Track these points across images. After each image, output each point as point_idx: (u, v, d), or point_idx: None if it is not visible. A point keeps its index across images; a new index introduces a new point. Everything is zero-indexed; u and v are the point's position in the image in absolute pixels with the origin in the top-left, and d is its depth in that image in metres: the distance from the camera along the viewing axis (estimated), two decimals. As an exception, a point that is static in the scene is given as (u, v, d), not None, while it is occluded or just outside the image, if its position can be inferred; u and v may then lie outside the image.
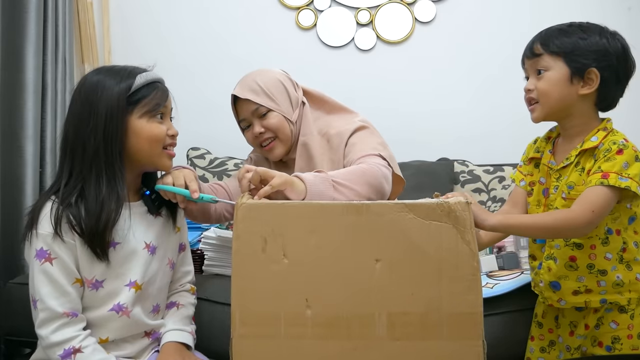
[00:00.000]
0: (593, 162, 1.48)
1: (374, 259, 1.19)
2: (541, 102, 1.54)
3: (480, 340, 1.17)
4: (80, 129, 1.39)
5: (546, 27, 1.59)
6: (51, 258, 1.35)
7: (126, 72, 1.42)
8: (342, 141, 1.77)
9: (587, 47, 1.49)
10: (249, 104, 1.81)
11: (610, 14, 3.03)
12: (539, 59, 1.53)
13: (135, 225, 1.45)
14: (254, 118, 1.82)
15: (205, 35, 3.15)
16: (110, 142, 1.38)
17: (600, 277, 1.52)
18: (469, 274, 1.17)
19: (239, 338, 1.20)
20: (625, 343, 1.52)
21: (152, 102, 1.42)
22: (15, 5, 2.49)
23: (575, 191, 1.50)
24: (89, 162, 1.38)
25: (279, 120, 1.80)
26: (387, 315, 1.18)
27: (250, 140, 1.86)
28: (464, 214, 1.17)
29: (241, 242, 1.21)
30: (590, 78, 1.50)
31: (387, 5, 3.11)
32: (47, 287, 1.35)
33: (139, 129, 1.41)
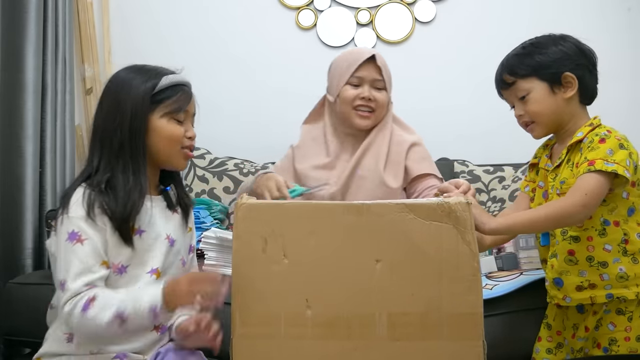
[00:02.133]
0: (579, 155, 1.54)
1: (375, 259, 1.19)
2: (537, 122, 1.63)
3: (481, 340, 1.18)
4: (108, 123, 1.46)
5: (505, 56, 1.68)
6: (82, 239, 1.38)
7: (154, 72, 1.49)
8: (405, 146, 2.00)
9: (550, 58, 1.59)
10: (376, 72, 1.99)
11: (610, 14, 3.04)
12: (515, 86, 1.63)
13: (156, 216, 1.50)
14: (368, 84, 1.98)
15: (205, 35, 3.15)
16: (135, 138, 1.44)
17: (602, 270, 1.53)
18: (470, 275, 1.18)
19: (239, 338, 1.20)
20: (623, 345, 1.52)
21: (175, 105, 1.48)
22: (15, 5, 2.49)
23: (566, 185, 1.55)
24: (116, 154, 1.44)
25: (386, 101, 2.02)
26: (388, 315, 1.18)
27: (351, 97, 1.99)
28: (465, 214, 1.18)
29: (241, 243, 1.21)
30: (568, 82, 1.59)
31: (387, 5, 3.11)
32: (77, 266, 1.37)
33: (159, 128, 1.47)
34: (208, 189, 2.85)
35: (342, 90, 1.99)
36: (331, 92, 2.06)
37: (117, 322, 1.33)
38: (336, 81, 2.03)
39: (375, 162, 1.95)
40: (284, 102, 3.14)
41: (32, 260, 2.50)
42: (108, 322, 1.33)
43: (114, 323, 1.33)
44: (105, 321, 1.33)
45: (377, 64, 1.99)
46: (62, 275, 1.37)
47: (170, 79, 1.49)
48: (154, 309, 1.34)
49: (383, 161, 1.96)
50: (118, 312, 1.33)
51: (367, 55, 1.99)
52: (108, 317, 1.33)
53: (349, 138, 2.04)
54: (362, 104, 1.97)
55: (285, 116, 3.12)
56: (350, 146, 2.04)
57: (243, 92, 3.15)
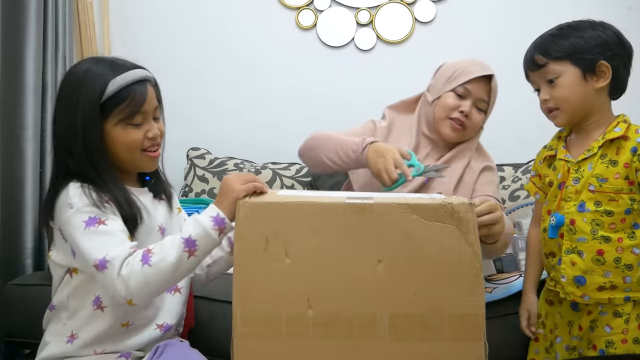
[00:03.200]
0: (633, 157, 1.49)
1: (376, 259, 1.18)
2: (562, 109, 1.57)
3: (482, 342, 1.17)
4: (66, 137, 1.40)
5: (539, 36, 1.62)
6: (102, 220, 1.34)
7: (101, 78, 1.39)
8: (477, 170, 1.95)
9: (587, 43, 1.53)
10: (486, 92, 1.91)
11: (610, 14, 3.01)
12: (546, 69, 1.56)
13: (148, 207, 1.47)
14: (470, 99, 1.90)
15: (205, 36, 3.15)
16: (94, 153, 1.39)
17: (627, 272, 1.51)
18: (472, 276, 1.17)
19: (240, 338, 1.19)
20: (620, 347, 1.51)
21: (126, 111, 1.40)
22: (15, 5, 2.49)
23: (608, 184, 1.51)
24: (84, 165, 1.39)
25: (480, 124, 1.95)
26: (389, 316, 1.18)
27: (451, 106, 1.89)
28: (468, 215, 1.17)
29: (243, 242, 1.20)
30: (602, 71, 1.52)
31: (387, 5, 3.11)
32: (112, 240, 1.32)
33: (115, 137, 1.40)
34: (208, 189, 2.85)
35: (445, 95, 1.91)
36: (432, 92, 1.96)
37: (186, 253, 1.29)
38: (442, 84, 1.94)
39: (449, 179, 1.88)
40: (284, 102, 3.14)
41: (32, 261, 2.51)
42: (178, 256, 1.28)
43: (184, 256, 1.29)
44: (174, 257, 1.28)
45: (489, 85, 1.90)
46: (94, 255, 1.30)
47: (117, 84, 1.39)
48: (215, 217, 1.30)
49: (455, 180, 1.89)
50: (185, 241, 1.29)
51: (484, 72, 1.90)
52: (176, 252, 1.28)
53: (427, 141, 1.97)
54: (458, 117, 1.88)
55: (285, 116, 3.13)
56: (426, 150, 1.96)
57: (243, 92, 3.15)
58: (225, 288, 1.90)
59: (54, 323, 1.46)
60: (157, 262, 1.28)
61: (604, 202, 1.52)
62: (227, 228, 1.32)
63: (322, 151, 1.91)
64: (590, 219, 1.53)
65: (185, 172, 2.95)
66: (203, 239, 1.30)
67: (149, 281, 1.29)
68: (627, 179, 1.50)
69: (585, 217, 1.53)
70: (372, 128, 2.02)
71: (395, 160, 1.69)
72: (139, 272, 1.28)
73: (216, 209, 1.32)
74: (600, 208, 1.52)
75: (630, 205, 1.51)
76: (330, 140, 1.91)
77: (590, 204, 1.53)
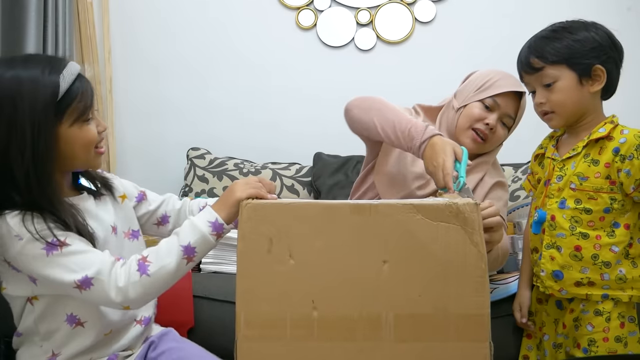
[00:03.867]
0: (614, 157, 1.50)
1: (381, 260, 1.18)
2: (558, 112, 1.58)
3: (487, 342, 1.17)
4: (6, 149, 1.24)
5: (532, 37, 1.62)
6: (63, 241, 1.24)
7: (45, 79, 1.25)
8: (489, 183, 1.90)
9: (583, 47, 1.53)
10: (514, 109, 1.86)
11: (610, 14, 3.02)
12: (542, 72, 1.56)
13: (93, 212, 1.39)
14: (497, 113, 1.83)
15: (205, 36, 3.14)
16: (42, 161, 1.25)
17: (604, 270, 1.53)
18: (477, 276, 1.17)
19: (243, 340, 1.19)
20: (602, 346, 1.52)
21: (80, 106, 1.29)
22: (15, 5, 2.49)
23: (588, 183, 1.53)
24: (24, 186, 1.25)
25: (502, 139, 1.90)
26: (394, 316, 1.17)
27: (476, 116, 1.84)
28: (473, 215, 1.17)
29: (246, 243, 1.19)
30: (597, 75, 1.54)
31: (387, 5, 3.11)
32: (83, 257, 1.25)
33: (72, 138, 1.29)
34: (208, 189, 2.85)
35: (472, 105, 1.85)
36: (459, 99, 1.91)
37: (185, 260, 1.28)
38: (471, 93, 1.87)
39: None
40: (284, 102, 3.14)
41: (32, 261, 2.49)
42: (177, 263, 1.27)
43: (183, 262, 1.27)
44: (174, 265, 1.27)
45: (519, 102, 1.85)
46: (71, 277, 1.24)
47: (67, 80, 1.27)
48: (214, 222, 1.29)
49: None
50: (184, 249, 1.27)
51: (517, 89, 1.83)
52: (175, 260, 1.27)
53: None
54: (482, 129, 1.83)
55: (285, 116, 3.13)
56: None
57: (243, 92, 3.15)
58: (225, 288, 1.91)
59: (27, 346, 1.39)
60: (156, 271, 1.27)
61: (583, 200, 1.54)
62: (225, 232, 1.32)
63: (378, 116, 1.78)
64: (569, 216, 1.55)
65: (185, 172, 2.94)
66: (201, 245, 1.30)
67: (149, 290, 1.28)
68: (608, 179, 1.52)
69: (565, 214, 1.56)
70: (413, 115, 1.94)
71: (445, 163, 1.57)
72: (138, 282, 1.26)
73: (214, 213, 1.31)
74: (579, 206, 1.54)
75: (610, 205, 1.52)
76: (392, 110, 1.80)
77: (570, 202, 1.55)
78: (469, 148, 1.82)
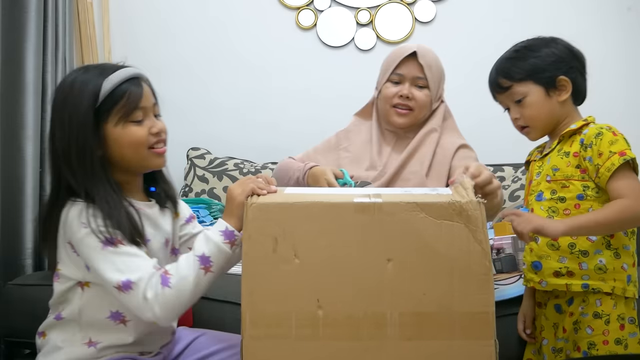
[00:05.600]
0: (581, 147, 1.57)
1: (386, 258, 1.18)
2: (532, 126, 1.66)
3: (492, 339, 1.17)
4: (65, 148, 1.34)
5: (498, 59, 1.71)
6: (120, 240, 1.31)
7: (94, 78, 1.35)
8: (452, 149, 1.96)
9: (544, 61, 1.62)
10: (418, 69, 1.94)
11: (610, 14, 3.05)
12: (511, 90, 1.65)
13: (155, 222, 1.44)
14: (408, 81, 1.94)
15: (205, 36, 3.15)
16: (92, 164, 1.34)
17: (582, 259, 1.55)
18: (481, 274, 1.17)
19: (249, 339, 1.19)
20: (602, 349, 1.52)
21: (125, 107, 1.35)
22: (15, 5, 2.49)
23: (560, 172, 1.59)
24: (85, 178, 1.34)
25: (427, 100, 1.95)
26: (399, 315, 1.17)
27: (390, 95, 1.95)
28: (476, 213, 1.17)
29: (252, 243, 1.20)
30: (562, 85, 1.62)
31: (387, 5, 3.11)
32: (132, 259, 1.31)
33: (117, 137, 1.36)
34: (208, 189, 2.85)
35: (384, 87, 1.97)
36: (377, 87, 2.04)
37: (203, 270, 1.30)
38: (380, 77, 2.02)
39: (420, 167, 1.91)
40: (284, 102, 3.14)
41: (32, 261, 2.50)
42: (195, 275, 1.29)
43: (201, 273, 1.30)
44: (192, 276, 1.29)
45: (419, 61, 1.93)
46: (116, 277, 1.29)
47: (111, 82, 1.35)
48: (224, 231, 1.32)
49: (427, 166, 1.92)
50: (200, 259, 1.31)
51: (408, 52, 1.94)
52: (193, 271, 1.30)
53: (391, 135, 2.02)
54: (400, 102, 1.94)
55: (285, 116, 3.13)
56: (391, 143, 2.01)
57: (243, 92, 3.15)
58: (225, 288, 1.91)
59: (62, 331, 1.41)
60: (177, 283, 1.29)
61: (558, 190, 1.59)
62: (237, 239, 1.33)
63: (282, 182, 1.97)
64: (546, 207, 1.60)
65: (185, 172, 2.94)
66: (216, 255, 1.31)
67: (172, 302, 1.29)
68: (578, 168, 1.58)
69: (542, 206, 1.61)
70: (334, 141, 2.09)
71: (329, 183, 1.81)
72: (160, 295, 1.28)
73: (224, 222, 1.33)
74: (555, 196, 1.60)
75: (583, 192, 1.56)
76: (285, 170, 2.03)
77: (547, 193, 1.61)
78: (401, 124, 1.96)
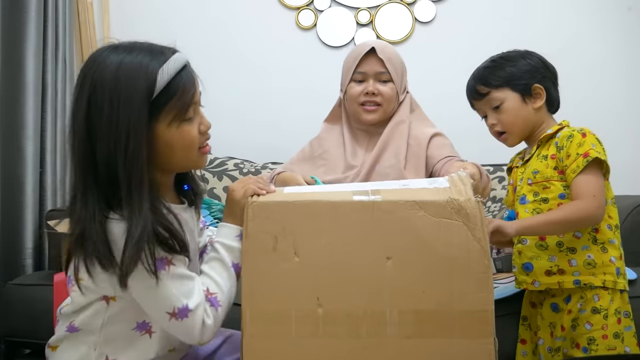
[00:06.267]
0: (556, 149, 1.64)
1: (385, 256, 1.18)
2: (510, 131, 1.72)
3: (492, 338, 1.17)
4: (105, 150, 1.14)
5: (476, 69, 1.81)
6: (170, 260, 1.17)
7: (146, 67, 1.15)
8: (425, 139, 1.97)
9: (520, 70, 1.71)
10: (379, 64, 1.96)
11: (610, 14, 3.05)
12: (489, 97, 1.73)
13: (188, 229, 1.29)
14: (372, 78, 1.96)
15: (205, 36, 3.15)
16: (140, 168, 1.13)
17: (571, 256, 1.60)
18: (480, 272, 1.17)
19: (249, 337, 1.19)
20: (601, 344, 1.55)
21: (179, 104, 1.18)
22: (15, 5, 2.49)
23: (540, 175, 1.66)
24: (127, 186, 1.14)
25: (393, 93, 1.97)
26: (398, 313, 1.17)
27: (356, 94, 1.97)
28: (475, 211, 1.17)
29: (251, 241, 1.20)
30: (537, 93, 1.70)
31: (387, 5, 3.11)
32: (185, 283, 1.18)
33: (170, 140, 1.18)
34: (208, 189, 2.85)
35: (348, 87, 1.99)
36: (342, 89, 2.06)
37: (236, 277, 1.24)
38: (343, 78, 2.03)
39: (396, 159, 1.93)
40: (284, 102, 3.14)
41: (32, 261, 2.51)
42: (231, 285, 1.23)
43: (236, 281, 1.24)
44: (234, 288, 1.24)
45: (378, 56, 1.96)
46: (172, 303, 1.16)
47: (168, 73, 1.16)
48: (239, 236, 1.25)
49: (403, 157, 1.93)
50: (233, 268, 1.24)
51: (366, 49, 1.96)
52: (233, 282, 1.24)
53: (363, 134, 2.03)
54: (367, 99, 1.96)
55: (285, 116, 3.13)
56: (364, 142, 2.03)
57: (243, 92, 3.15)
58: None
59: (75, 348, 1.27)
60: (224, 301, 1.22)
61: (540, 192, 1.65)
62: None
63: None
64: (531, 209, 1.65)
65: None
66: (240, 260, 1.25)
67: (220, 322, 1.23)
68: (556, 169, 1.64)
69: (527, 208, 1.66)
70: (308, 150, 2.13)
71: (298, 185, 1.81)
72: (217, 317, 1.21)
73: (236, 227, 1.26)
74: (537, 197, 1.66)
75: (564, 190, 1.63)
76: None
77: (529, 196, 1.67)
78: (372, 120, 1.98)
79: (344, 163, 2.01)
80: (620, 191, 2.48)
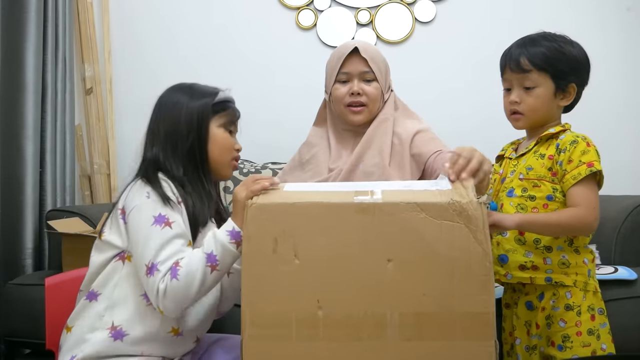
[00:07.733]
0: (556, 151, 1.62)
1: (386, 258, 1.18)
2: (527, 116, 1.67)
3: (493, 340, 1.16)
4: (172, 127, 1.52)
5: (523, 38, 1.71)
6: (169, 222, 1.39)
7: (209, 88, 1.58)
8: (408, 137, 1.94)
9: (568, 62, 1.64)
10: (363, 64, 1.94)
11: (610, 14, 3.04)
12: (528, 74, 1.65)
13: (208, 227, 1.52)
14: (356, 78, 1.94)
15: (205, 36, 3.14)
16: (201, 142, 1.52)
17: (546, 254, 1.61)
18: (482, 274, 1.16)
19: (249, 339, 1.19)
20: (576, 340, 1.56)
21: (229, 116, 1.58)
22: (15, 5, 2.49)
23: (534, 172, 1.64)
24: (186, 157, 1.50)
25: (378, 92, 1.95)
26: (399, 315, 1.17)
27: (341, 95, 1.95)
28: (476, 213, 1.17)
29: (252, 243, 1.20)
30: (569, 92, 1.66)
31: (387, 5, 3.11)
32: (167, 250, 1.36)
33: (217, 135, 1.54)
34: (208, 189, 2.84)
35: (333, 88, 1.97)
36: (326, 91, 2.04)
37: (209, 268, 1.34)
38: (327, 80, 2.01)
39: (380, 157, 1.91)
40: (284, 102, 3.13)
41: (32, 261, 2.51)
42: (203, 271, 1.34)
43: (208, 270, 1.34)
44: (200, 272, 1.34)
45: (362, 56, 1.93)
46: (148, 258, 1.35)
47: (223, 95, 1.57)
48: (231, 231, 1.35)
49: (388, 155, 1.92)
50: (207, 256, 1.35)
51: (349, 49, 1.94)
52: (201, 267, 1.34)
53: (349, 134, 2.02)
54: (353, 100, 1.93)
55: (285, 116, 3.12)
56: (350, 142, 2.01)
57: (243, 92, 3.11)
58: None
59: (86, 316, 1.44)
60: (184, 276, 1.33)
61: (529, 188, 1.64)
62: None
63: None
64: (516, 203, 1.64)
65: (185, 172, 2.94)
66: (222, 254, 1.35)
67: (177, 294, 1.33)
68: (550, 170, 1.62)
69: (512, 202, 1.65)
70: (297, 158, 2.12)
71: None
72: (169, 285, 1.33)
73: (232, 223, 1.37)
74: (525, 194, 1.64)
75: (552, 193, 1.62)
76: None
77: (518, 190, 1.65)
78: (358, 121, 1.96)
79: (328, 166, 2.00)
80: (620, 191, 2.48)
